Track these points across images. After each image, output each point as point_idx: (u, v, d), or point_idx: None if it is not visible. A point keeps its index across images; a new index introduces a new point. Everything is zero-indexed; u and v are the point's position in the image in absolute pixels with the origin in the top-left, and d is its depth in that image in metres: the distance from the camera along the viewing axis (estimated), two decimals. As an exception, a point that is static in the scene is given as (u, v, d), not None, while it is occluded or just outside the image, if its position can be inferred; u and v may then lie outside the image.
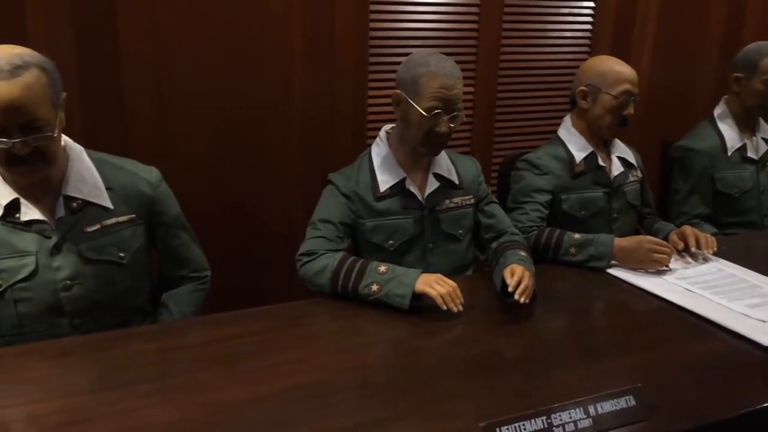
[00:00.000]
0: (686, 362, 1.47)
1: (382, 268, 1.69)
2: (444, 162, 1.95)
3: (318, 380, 1.35)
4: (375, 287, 1.67)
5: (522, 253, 1.82)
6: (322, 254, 1.77)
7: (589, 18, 3.05)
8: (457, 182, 1.95)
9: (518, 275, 1.65)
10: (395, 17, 2.67)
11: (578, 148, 2.21)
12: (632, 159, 2.30)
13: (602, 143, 2.25)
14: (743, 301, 1.74)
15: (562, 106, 2.87)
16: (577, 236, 2.01)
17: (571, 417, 1.18)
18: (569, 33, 3.03)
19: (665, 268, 1.94)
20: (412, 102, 1.77)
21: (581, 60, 2.63)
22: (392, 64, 2.64)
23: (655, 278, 1.90)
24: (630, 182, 2.27)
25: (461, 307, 1.61)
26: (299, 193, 2.63)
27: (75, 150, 1.60)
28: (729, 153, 2.52)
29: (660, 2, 3.18)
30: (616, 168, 2.23)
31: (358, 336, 1.61)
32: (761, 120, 2.62)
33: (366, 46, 2.63)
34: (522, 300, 1.62)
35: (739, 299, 1.75)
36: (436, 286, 1.62)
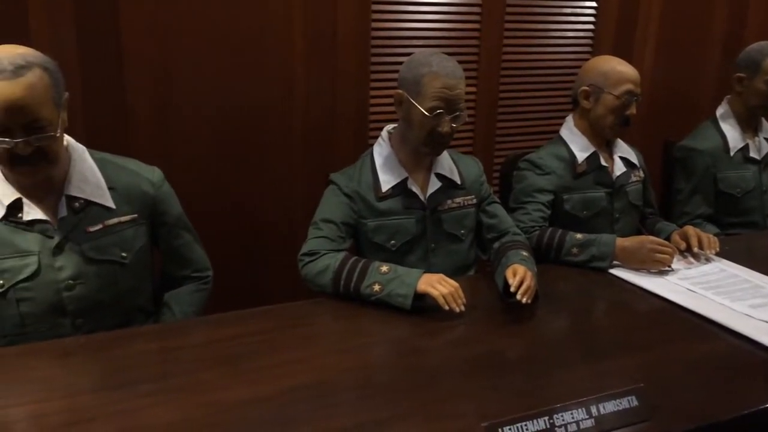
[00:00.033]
0: (688, 363, 1.46)
1: (384, 268, 1.69)
2: (446, 162, 1.95)
3: (320, 380, 1.35)
4: (377, 287, 1.67)
5: (524, 253, 1.82)
6: (324, 254, 1.77)
7: (592, 18, 3.05)
8: (459, 182, 1.94)
9: (520, 275, 1.65)
10: (397, 17, 2.67)
11: (580, 148, 2.20)
12: (634, 159, 2.30)
13: (604, 143, 2.25)
14: (746, 302, 1.73)
15: (564, 106, 2.86)
16: (579, 236, 2.01)
17: (574, 417, 1.18)
18: (571, 33, 3.03)
19: (667, 269, 1.94)
20: (414, 102, 1.77)
21: (583, 60, 2.62)
22: (394, 64, 2.64)
23: (658, 278, 1.90)
24: (632, 182, 2.27)
25: (463, 308, 1.61)
26: (301, 193, 2.63)
27: (77, 150, 1.60)
28: (731, 153, 2.52)
29: (662, 2, 3.17)
30: (619, 168, 2.23)
31: (360, 336, 1.61)
32: (763, 120, 2.62)
33: (368, 46, 2.63)
34: (524, 300, 1.62)
35: (742, 300, 1.75)
36: (438, 286, 1.62)
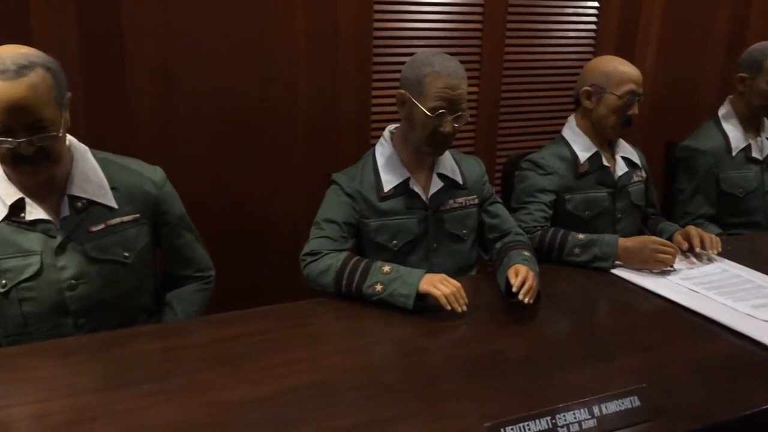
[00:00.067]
0: (691, 363, 1.46)
1: (386, 268, 1.69)
2: (448, 162, 1.95)
3: (322, 380, 1.35)
4: (379, 287, 1.67)
5: (526, 253, 1.82)
6: (326, 254, 1.77)
7: (594, 18, 3.04)
8: (461, 182, 1.94)
9: (522, 275, 1.65)
10: (399, 17, 2.67)
11: (582, 148, 2.20)
12: (636, 159, 2.29)
13: (606, 143, 2.24)
14: (748, 302, 1.73)
15: (567, 106, 2.87)
16: (582, 236, 2.01)
17: (576, 417, 1.18)
18: (573, 33, 3.03)
19: (670, 269, 1.94)
20: (417, 102, 1.77)
21: (585, 60, 2.62)
22: (396, 64, 2.64)
23: (660, 279, 1.90)
24: (634, 182, 2.27)
25: (465, 307, 1.61)
26: (303, 193, 2.63)
27: (80, 150, 1.60)
28: (734, 153, 2.52)
29: (664, 2, 3.17)
30: (621, 168, 2.23)
31: (362, 336, 1.61)
32: (766, 120, 2.61)
33: (370, 46, 2.63)
34: (526, 300, 1.62)
35: (744, 300, 1.75)
36: (440, 286, 1.62)
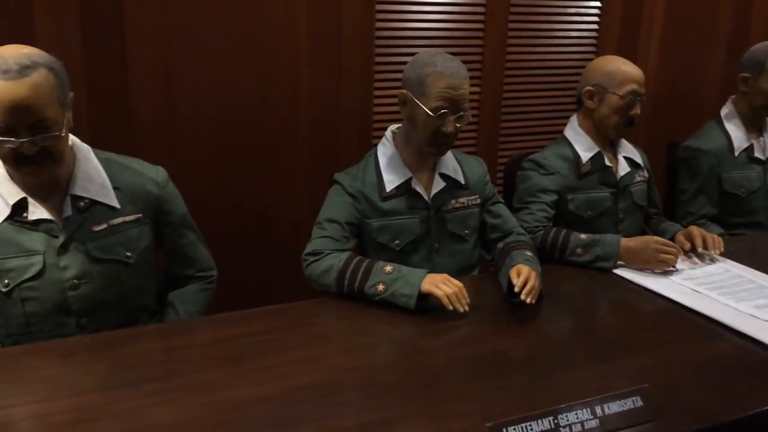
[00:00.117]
0: (693, 363, 1.46)
1: (388, 268, 1.69)
2: (450, 162, 1.95)
3: (324, 380, 1.35)
4: (381, 287, 1.67)
5: (528, 254, 1.82)
6: (328, 254, 1.77)
7: (596, 18, 3.04)
8: (463, 182, 1.94)
9: (524, 275, 1.65)
10: (401, 17, 2.67)
11: (584, 148, 2.20)
12: (639, 159, 2.29)
13: (609, 143, 2.24)
14: (750, 302, 1.73)
15: (569, 106, 2.86)
16: (584, 236, 2.01)
17: (578, 417, 1.18)
18: (575, 33, 3.03)
19: (672, 269, 1.94)
20: (419, 102, 1.77)
21: (587, 60, 2.62)
22: (398, 64, 2.64)
23: (662, 279, 1.90)
24: (636, 182, 2.26)
25: (467, 308, 1.61)
26: (305, 193, 2.63)
27: (82, 149, 1.60)
28: (736, 153, 2.52)
29: (666, 2, 3.17)
30: (623, 168, 2.23)
31: (365, 336, 1.61)
32: (768, 120, 2.61)
33: (372, 46, 2.63)
34: (528, 300, 1.62)
35: (747, 300, 1.75)
36: (443, 286, 1.62)
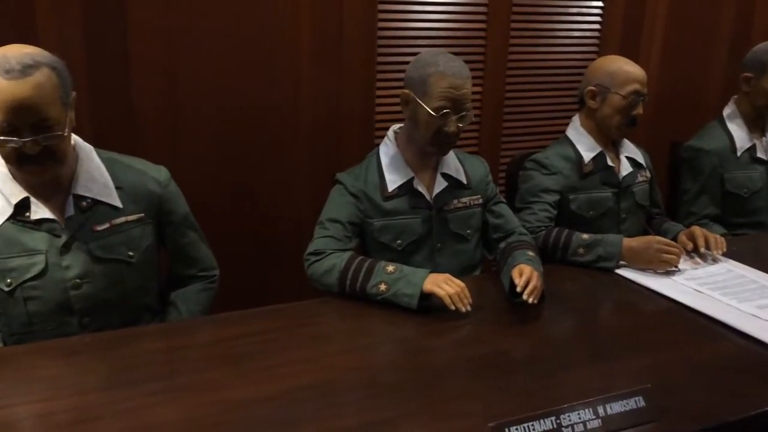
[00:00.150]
0: (695, 363, 1.46)
1: (390, 268, 1.69)
2: (452, 162, 1.95)
3: (326, 380, 1.35)
4: (383, 287, 1.67)
5: (530, 253, 1.82)
6: (330, 254, 1.77)
7: (598, 18, 3.04)
8: (465, 182, 1.94)
9: (526, 275, 1.65)
10: (403, 17, 2.66)
11: (587, 148, 2.20)
12: (641, 159, 2.29)
13: (611, 143, 2.24)
14: (753, 302, 1.73)
15: (571, 106, 2.86)
16: (586, 236, 2.00)
17: (581, 417, 1.18)
18: (578, 33, 3.02)
19: (674, 269, 1.94)
20: (421, 102, 1.77)
21: (590, 60, 2.62)
22: (400, 64, 2.63)
23: (664, 279, 1.89)
24: (639, 182, 2.26)
25: (469, 307, 1.60)
26: (307, 193, 2.63)
27: (85, 149, 1.61)
28: (738, 153, 2.51)
29: (669, 2, 3.16)
30: (625, 168, 2.22)
31: (366, 336, 1.61)
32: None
33: (374, 46, 2.63)
34: (530, 300, 1.62)
35: (749, 300, 1.74)
36: (445, 286, 1.62)
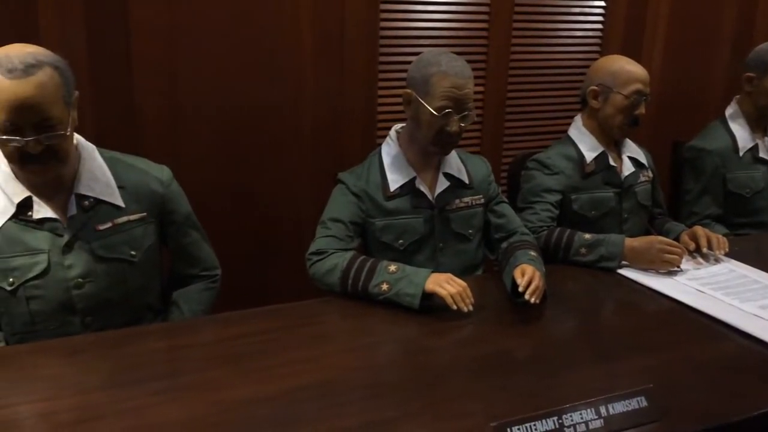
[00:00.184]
0: (698, 363, 1.46)
1: (392, 268, 1.69)
2: (454, 161, 1.94)
3: (328, 379, 1.35)
4: (385, 286, 1.67)
5: (532, 253, 1.82)
6: (332, 253, 1.77)
7: (600, 17, 3.04)
8: (468, 182, 1.94)
9: (529, 275, 1.65)
10: (406, 16, 2.66)
11: (589, 148, 2.20)
12: (643, 159, 2.29)
13: (613, 143, 2.24)
14: (755, 302, 1.73)
15: (573, 106, 2.86)
16: (588, 236, 2.00)
17: (583, 417, 1.18)
18: (580, 32, 3.02)
19: (676, 269, 1.93)
20: (423, 101, 1.77)
21: (592, 59, 2.62)
22: (402, 64, 2.63)
23: (666, 279, 1.89)
24: (641, 182, 2.26)
25: (471, 307, 1.60)
26: (309, 193, 2.63)
27: (87, 148, 1.61)
28: (741, 153, 2.51)
29: (671, 2, 3.16)
30: (627, 168, 2.22)
31: (368, 335, 1.61)
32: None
33: (376, 46, 2.63)
34: (532, 300, 1.62)
35: (752, 300, 1.74)
36: (447, 286, 1.62)
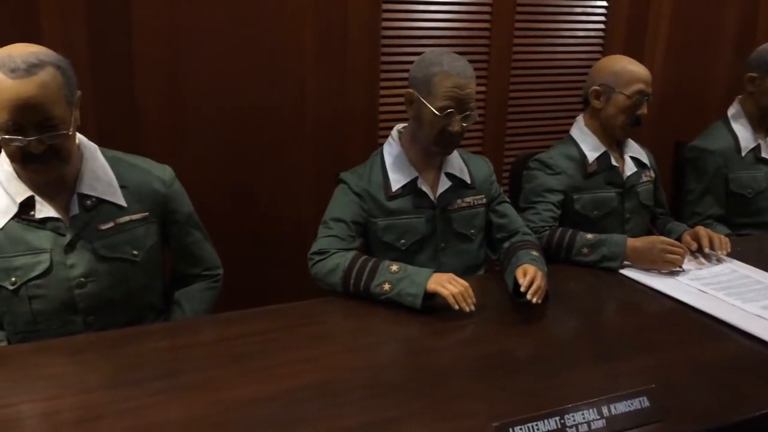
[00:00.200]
0: (699, 363, 1.46)
1: (394, 268, 1.69)
2: (456, 161, 1.94)
3: (329, 379, 1.35)
4: (387, 286, 1.67)
5: (534, 253, 1.81)
6: (334, 253, 1.77)
7: (602, 17, 3.03)
8: (469, 182, 1.94)
9: (530, 275, 1.65)
10: (408, 16, 2.66)
11: (591, 148, 2.20)
12: (645, 159, 2.29)
13: (615, 143, 2.24)
14: (757, 303, 1.72)
15: (575, 106, 2.85)
16: (590, 236, 2.00)
17: (585, 418, 1.18)
18: (582, 32, 3.02)
19: (678, 269, 1.93)
20: (425, 101, 1.77)
21: (594, 59, 2.61)
22: (404, 63, 2.63)
23: (668, 279, 1.89)
24: (643, 182, 2.26)
25: (473, 307, 1.60)
26: (311, 192, 2.63)
27: (89, 148, 1.61)
28: (743, 153, 2.51)
29: (673, 2, 3.15)
30: (629, 168, 2.22)
31: (370, 335, 1.61)
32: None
33: (378, 46, 2.62)
34: (534, 300, 1.62)
35: (754, 300, 1.74)
36: (448, 286, 1.62)
